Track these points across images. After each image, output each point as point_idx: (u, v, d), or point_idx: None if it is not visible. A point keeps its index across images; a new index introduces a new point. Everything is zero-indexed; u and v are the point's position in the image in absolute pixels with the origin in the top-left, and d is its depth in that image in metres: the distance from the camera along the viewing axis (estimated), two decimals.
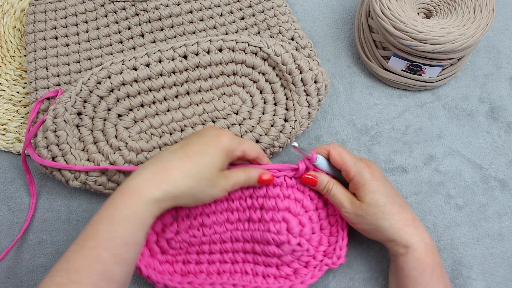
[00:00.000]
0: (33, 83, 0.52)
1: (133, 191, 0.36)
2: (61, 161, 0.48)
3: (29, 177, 0.51)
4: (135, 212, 0.35)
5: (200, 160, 0.38)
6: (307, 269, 0.45)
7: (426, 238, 0.41)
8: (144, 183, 0.36)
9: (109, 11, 0.56)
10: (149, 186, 0.36)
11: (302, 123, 0.50)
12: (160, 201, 0.36)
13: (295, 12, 0.63)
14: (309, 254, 0.45)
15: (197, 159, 0.38)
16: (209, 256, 0.46)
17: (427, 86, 0.55)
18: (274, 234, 0.44)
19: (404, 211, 0.42)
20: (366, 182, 0.42)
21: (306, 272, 0.44)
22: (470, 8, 0.51)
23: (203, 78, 0.51)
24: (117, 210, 0.35)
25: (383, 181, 0.43)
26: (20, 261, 0.49)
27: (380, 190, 0.42)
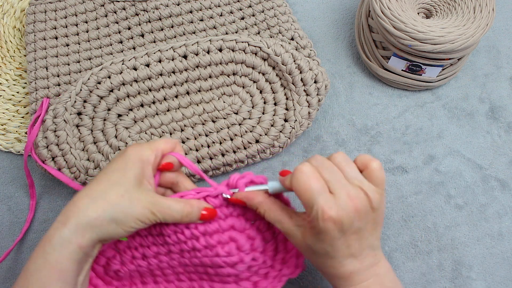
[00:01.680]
0: (33, 83, 0.52)
1: (45, 238, 0.32)
2: (61, 161, 0.48)
3: (30, 180, 0.50)
4: (46, 260, 0.31)
5: (109, 179, 0.34)
6: (267, 280, 0.41)
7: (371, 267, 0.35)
8: (54, 226, 0.32)
9: (109, 11, 0.56)
10: (58, 227, 0.32)
11: (302, 123, 0.50)
12: (71, 240, 0.31)
13: (295, 12, 0.63)
14: (266, 266, 0.41)
15: (105, 179, 0.34)
16: (165, 278, 0.42)
17: (427, 86, 0.55)
18: (225, 257, 0.38)
19: (341, 267, 0.35)
20: (316, 229, 0.33)
21: (266, 284, 0.41)
22: (470, 8, 0.51)
23: (203, 78, 0.51)
24: (30, 262, 0.32)
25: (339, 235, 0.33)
26: (20, 261, 0.49)
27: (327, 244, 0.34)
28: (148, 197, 0.34)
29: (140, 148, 0.36)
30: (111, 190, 0.33)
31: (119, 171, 0.34)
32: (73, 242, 0.32)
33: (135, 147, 0.36)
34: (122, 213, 0.33)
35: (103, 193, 0.33)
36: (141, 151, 0.36)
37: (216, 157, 0.50)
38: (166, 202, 0.35)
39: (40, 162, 0.48)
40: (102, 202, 0.33)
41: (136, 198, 0.34)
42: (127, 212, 0.33)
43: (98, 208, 0.32)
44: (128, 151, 0.35)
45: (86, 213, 0.32)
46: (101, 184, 0.34)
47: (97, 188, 0.34)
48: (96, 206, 0.32)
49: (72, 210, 0.32)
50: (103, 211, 0.32)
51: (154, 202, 0.34)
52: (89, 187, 0.34)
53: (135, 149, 0.36)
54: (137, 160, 0.35)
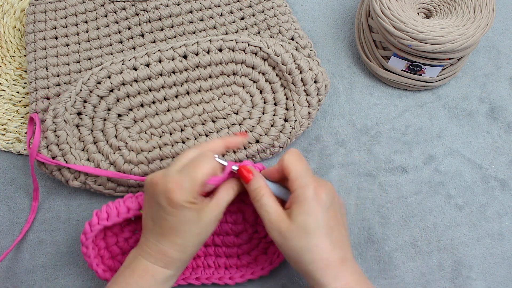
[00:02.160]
0: (33, 83, 0.52)
1: (146, 273, 0.38)
2: (61, 161, 0.48)
3: (35, 184, 0.50)
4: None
5: (176, 231, 0.37)
6: (266, 255, 0.46)
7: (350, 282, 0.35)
8: (152, 267, 0.38)
9: (109, 11, 0.56)
10: (158, 269, 0.38)
11: (302, 123, 0.50)
12: (173, 278, 0.40)
13: (295, 12, 0.63)
14: (267, 241, 0.46)
15: (172, 233, 0.38)
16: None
17: (427, 86, 0.55)
18: (232, 224, 0.45)
19: (333, 249, 0.36)
20: (305, 200, 0.36)
21: (266, 258, 0.45)
22: (470, 8, 0.51)
23: (203, 78, 0.51)
24: (132, 279, 0.38)
25: (326, 208, 0.37)
26: (20, 261, 0.49)
27: (317, 215, 0.36)
28: (212, 210, 0.38)
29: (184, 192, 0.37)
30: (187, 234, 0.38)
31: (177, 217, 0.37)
32: (177, 276, 0.41)
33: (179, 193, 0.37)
34: (205, 231, 0.39)
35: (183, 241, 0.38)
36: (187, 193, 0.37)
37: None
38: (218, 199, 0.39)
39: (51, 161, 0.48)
40: (189, 245, 0.39)
41: (206, 215, 0.38)
42: (208, 228, 0.39)
43: (188, 250, 0.39)
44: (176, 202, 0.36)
45: (181, 257, 0.39)
46: (177, 236, 0.38)
47: (177, 240, 0.38)
48: (187, 249, 0.39)
49: (169, 261, 0.38)
50: (193, 247, 0.39)
51: (218, 210, 0.39)
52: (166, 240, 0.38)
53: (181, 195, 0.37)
54: (188, 201, 0.37)
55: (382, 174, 0.52)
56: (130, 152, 0.49)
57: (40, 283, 0.48)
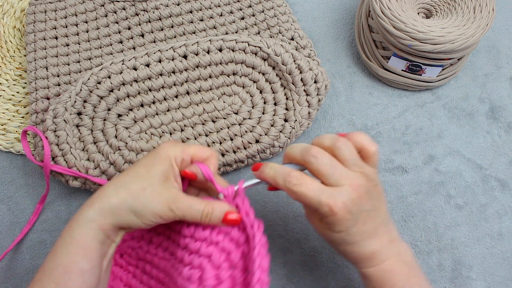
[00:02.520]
0: (33, 83, 0.52)
1: (73, 218, 0.35)
2: (61, 161, 0.48)
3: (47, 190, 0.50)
4: (72, 237, 0.33)
5: (136, 172, 0.35)
6: None
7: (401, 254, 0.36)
8: (82, 207, 0.35)
9: (109, 11, 0.56)
10: (84, 209, 0.34)
11: (302, 123, 0.50)
12: (94, 220, 0.33)
13: (295, 12, 0.63)
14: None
15: (132, 171, 0.36)
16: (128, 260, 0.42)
17: (427, 86, 0.55)
18: (182, 279, 0.35)
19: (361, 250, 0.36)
20: (329, 222, 0.35)
21: None
22: (470, 8, 0.51)
23: (203, 78, 0.51)
24: (60, 239, 0.34)
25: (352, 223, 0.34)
26: (20, 261, 0.49)
27: (343, 233, 0.35)
28: (170, 193, 0.35)
29: (171, 146, 0.37)
30: (134, 182, 0.35)
31: (147, 165, 0.36)
32: (96, 222, 0.34)
33: (167, 144, 0.37)
34: (141, 205, 0.34)
35: (127, 184, 0.35)
36: (172, 150, 0.37)
37: None
38: (187, 200, 0.35)
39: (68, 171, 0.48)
40: (124, 192, 0.34)
41: (157, 193, 0.35)
42: (145, 205, 0.34)
43: (119, 196, 0.34)
44: (159, 148, 0.37)
45: (108, 199, 0.34)
46: (127, 176, 0.35)
47: (123, 178, 0.35)
48: (118, 194, 0.34)
49: (98, 195, 0.35)
50: (123, 200, 0.34)
51: (175, 198, 0.35)
52: (117, 177, 0.36)
53: (166, 146, 0.37)
54: (165, 157, 0.36)
55: (382, 174, 0.52)
56: (130, 152, 0.49)
57: None
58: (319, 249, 0.49)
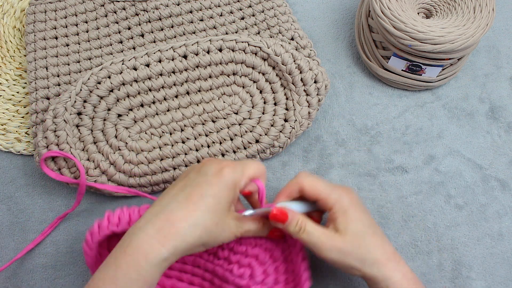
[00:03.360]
0: (33, 83, 0.52)
1: (138, 251, 0.33)
2: (61, 161, 0.48)
3: (75, 205, 0.49)
4: (140, 274, 0.32)
5: (205, 204, 0.35)
6: None
7: (407, 273, 0.38)
8: (148, 241, 0.33)
9: (109, 11, 0.56)
10: (154, 245, 0.33)
11: (302, 123, 0.50)
12: (168, 259, 0.33)
13: (295, 12, 0.63)
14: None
15: (201, 203, 0.35)
16: (167, 271, 0.43)
17: (427, 86, 0.55)
18: (236, 277, 0.40)
19: (385, 244, 0.38)
20: (347, 210, 0.38)
21: None
22: (470, 8, 0.51)
23: (203, 78, 0.51)
24: (121, 271, 0.32)
25: (363, 209, 0.39)
26: (21, 261, 0.49)
27: (362, 219, 0.38)
28: (236, 223, 0.38)
29: (235, 172, 0.36)
30: (208, 218, 0.35)
31: (216, 197, 0.35)
32: (169, 261, 0.34)
33: (230, 170, 0.36)
34: (213, 239, 0.36)
35: (201, 221, 0.34)
36: (237, 176, 0.36)
37: (216, 157, 0.50)
38: (247, 225, 0.38)
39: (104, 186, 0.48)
40: (199, 230, 0.34)
41: (227, 225, 0.37)
42: (217, 238, 0.36)
43: (196, 235, 0.34)
44: (224, 175, 0.36)
45: (185, 239, 0.34)
46: (199, 209, 0.34)
47: (195, 213, 0.34)
48: (195, 233, 0.34)
49: (171, 232, 0.33)
50: (199, 238, 0.34)
51: (239, 227, 0.38)
52: (186, 207, 0.34)
53: (232, 173, 0.36)
54: (232, 185, 0.36)
55: (382, 174, 0.52)
56: (130, 152, 0.49)
57: (40, 283, 0.48)
58: None
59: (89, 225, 0.50)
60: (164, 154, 0.49)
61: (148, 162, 0.49)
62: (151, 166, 0.48)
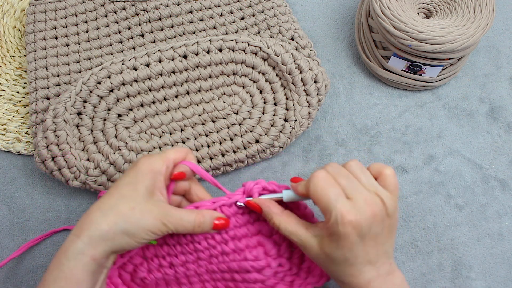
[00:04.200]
0: (33, 83, 0.52)
1: (61, 250, 0.33)
2: (61, 161, 0.48)
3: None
4: (61, 271, 0.32)
5: (120, 193, 0.34)
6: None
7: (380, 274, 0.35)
8: (70, 238, 0.33)
9: (109, 11, 0.56)
10: (72, 238, 0.33)
11: (302, 123, 0.50)
12: (84, 252, 0.32)
13: (295, 12, 0.63)
14: (292, 273, 0.41)
15: (116, 192, 0.35)
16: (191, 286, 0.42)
17: (427, 86, 0.55)
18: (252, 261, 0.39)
19: (360, 275, 0.35)
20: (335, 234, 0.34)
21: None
22: (470, 8, 0.51)
23: (203, 78, 0.51)
24: (47, 273, 0.33)
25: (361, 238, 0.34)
26: (20, 261, 0.49)
27: (347, 250, 0.34)
28: (160, 208, 0.35)
29: (151, 159, 0.36)
30: (122, 203, 0.34)
31: (130, 184, 0.35)
32: (87, 254, 0.32)
33: (146, 158, 0.36)
34: (133, 225, 0.33)
35: (114, 206, 0.34)
36: (152, 163, 0.36)
37: (216, 157, 0.50)
38: (178, 213, 0.35)
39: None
40: (113, 215, 0.33)
41: (147, 210, 0.34)
42: (138, 224, 0.34)
43: (109, 221, 0.33)
44: (139, 163, 0.36)
45: (98, 226, 0.33)
46: (112, 198, 0.34)
47: (108, 201, 0.34)
48: (108, 219, 0.33)
49: (85, 223, 0.33)
50: (114, 224, 0.33)
51: (166, 213, 0.35)
52: (101, 200, 0.34)
53: (146, 161, 0.36)
54: (148, 171, 0.36)
55: None
56: (130, 152, 0.49)
57: None
58: None
59: None
60: None
61: None
62: None
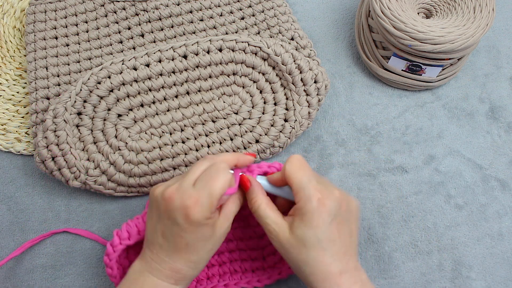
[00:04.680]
0: (33, 83, 0.52)
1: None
2: (61, 161, 0.48)
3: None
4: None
5: (205, 249, 0.38)
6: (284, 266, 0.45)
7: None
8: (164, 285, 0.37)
9: (109, 11, 0.56)
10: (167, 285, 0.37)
11: (302, 123, 0.50)
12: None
13: (295, 12, 0.63)
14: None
15: (202, 248, 0.37)
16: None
17: (427, 86, 0.55)
18: (254, 227, 0.44)
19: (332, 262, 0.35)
20: (306, 214, 0.35)
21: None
22: (470, 8, 0.51)
23: (203, 78, 0.51)
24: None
25: (329, 220, 0.35)
26: (20, 261, 0.49)
27: (317, 230, 0.35)
28: (221, 219, 0.38)
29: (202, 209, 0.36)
30: (202, 253, 0.38)
31: (196, 237, 0.37)
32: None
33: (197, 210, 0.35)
34: (217, 242, 0.39)
35: (199, 259, 0.38)
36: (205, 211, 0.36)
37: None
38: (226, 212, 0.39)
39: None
40: (202, 262, 0.38)
41: (218, 227, 0.38)
42: (220, 239, 0.39)
43: (201, 266, 0.39)
44: (193, 219, 0.35)
45: (195, 274, 0.39)
46: (199, 253, 0.37)
47: (192, 257, 0.37)
48: (199, 266, 0.38)
49: (180, 278, 0.38)
50: (206, 260, 0.39)
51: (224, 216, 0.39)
52: (179, 257, 0.37)
53: (199, 213, 0.36)
54: (205, 219, 0.36)
55: (382, 174, 0.52)
56: (130, 152, 0.49)
57: (40, 283, 0.48)
58: None
59: (89, 225, 0.51)
60: (164, 154, 0.49)
61: (148, 162, 0.49)
62: (151, 166, 0.48)
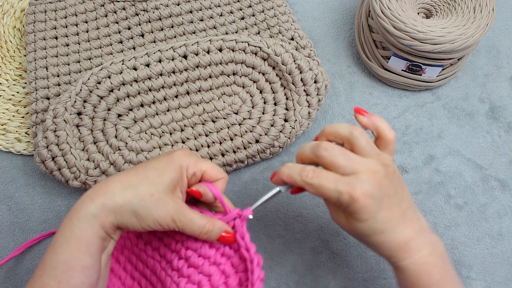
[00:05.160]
0: (33, 83, 0.52)
1: (73, 211, 0.33)
2: (61, 161, 0.48)
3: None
4: (73, 232, 0.32)
5: (146, 174, 0.35)
6: None
7: (423, 256, 0.35)
8: (83, 200, 0.33)
9: (109, 11, 0.56)
10: (85, 201, 0.33)
11: (302, 123, 0.50)
12: (97, 216, 0.33)
13: (295, 12, 0.63)
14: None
15: (142, 173, 0.35)
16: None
17: (427, 86, 0.55)
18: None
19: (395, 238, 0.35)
20: (354, 213, 0.34)
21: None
22: (470, 8, 0.51)
23: (203, 78, 0.51)
24: (59, 233, 0.33)
25: (376, 208, 0.34)
26: (20, 261, 0.49)
27: (370, 220, 0.34)
28: (175, 204, 0.35)
29: (186, 155, 0.36)
30: (143, 185, 0.34)
31: (159, 170, 0.35)
32: (98, 219, 0.33)
33: (182, 152, 0.37)
34: (145, 210, 0.34)
35: (135, 185, 0.34)
36: (186, 159, 0.36)
37: (216, 157, 0.50)
38: (190, 214, 0.35)
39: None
40: (131, 193, 0.33)
41: (163, 201, 0.34)
42: (150, 211, 0.34)
43: (125, 197, 0.33)
44: (174, 154, 0.36)
45: (113, 197, 0.33)
46: (136, 176, 0.35)
47: (132, 178, 0.34)
48: (125, 195, 0.33)
49: (102, 189, 0.34)
50: (128, 202, 0.33)
51: (179, 210, 0.35)
52: (126, 173, 0.35)
53: (181, 155, 0.36)
54: (178, 165, 0.36)
55: None
56: (130, 152, 0.49)
57: None
58: (319, 249, 0.49)
59: None
60: None
61: None
62: None
